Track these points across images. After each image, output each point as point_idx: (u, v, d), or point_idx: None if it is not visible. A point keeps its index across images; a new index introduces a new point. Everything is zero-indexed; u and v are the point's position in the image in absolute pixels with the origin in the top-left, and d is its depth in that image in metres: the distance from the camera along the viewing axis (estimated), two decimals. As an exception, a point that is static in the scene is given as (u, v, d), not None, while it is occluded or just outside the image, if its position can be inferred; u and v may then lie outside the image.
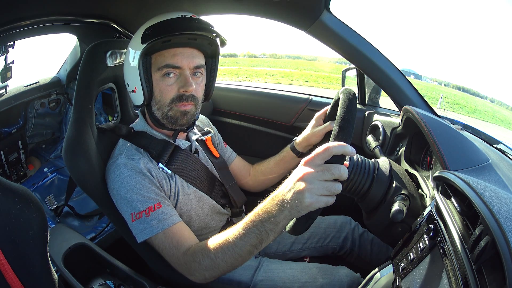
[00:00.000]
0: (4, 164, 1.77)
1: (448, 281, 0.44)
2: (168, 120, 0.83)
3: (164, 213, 0.75)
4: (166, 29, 0.76)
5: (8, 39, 1.37)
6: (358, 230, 1.11)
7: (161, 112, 0.83)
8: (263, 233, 0.60)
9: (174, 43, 0.78)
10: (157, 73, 0.79)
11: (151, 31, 0.76)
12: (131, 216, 0.75)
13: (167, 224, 0.75)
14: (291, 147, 1.02)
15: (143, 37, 0.76)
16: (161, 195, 0.78)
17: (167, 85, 0.80)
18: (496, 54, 25.49)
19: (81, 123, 0.82)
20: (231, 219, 1.00)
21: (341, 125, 0.59)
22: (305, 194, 0.54)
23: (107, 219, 1.57)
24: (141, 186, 0.76)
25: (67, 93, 1.95)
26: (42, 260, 0.54)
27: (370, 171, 0.71)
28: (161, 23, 0.77)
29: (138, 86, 0.80)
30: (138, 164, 0.79)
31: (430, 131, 0.75)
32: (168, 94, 0.80)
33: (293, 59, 17.60)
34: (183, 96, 0.80)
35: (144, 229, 0.74)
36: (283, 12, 1.01)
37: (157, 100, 0.82)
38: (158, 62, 0.79)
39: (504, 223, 0.41)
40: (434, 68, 24.44)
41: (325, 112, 0.96)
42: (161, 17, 0.78)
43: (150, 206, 0.75)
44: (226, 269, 0.68)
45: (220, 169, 1.00)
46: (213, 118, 0.98)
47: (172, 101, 0.81)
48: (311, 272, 0.89)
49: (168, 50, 0.78)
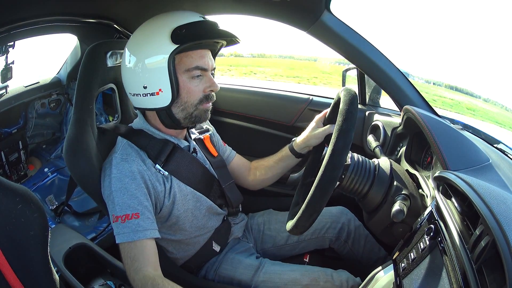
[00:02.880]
0: (4, 164, 1.77)
1: (448, 281, 0.45)
2: (190, 120, 0.83)
3: (139, 225, 0.74)
4: (200, 32, 0.77)
5: (8, 39, 1.37)
6: (354, 222, 1.11)
7: (185, 112, 0.82)
8: None
9: (202, 45, 0.80)
10: (185, 74, 0.78)
11: (183, 32, 0.74)
12: (112, 217, 0.76)
13: (138, 236, 0.74)
14: (290, 148, 1.02)
15: (175, 37, 0.74)
16: (144, 204, 0.77)
17: (195, 85, 0.80)
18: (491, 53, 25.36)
19: (81, 123, 0.82)
20: (226, 218, 1.01)
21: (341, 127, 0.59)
22: None
23: (108, 219, 1.57)
24: (125, 191, 0.75)
25: (67, 93, 1.95)
26: (42, 260, 0.54)
27: (371, 171, 0.71)
28: (192, 25, 0.76)
29: (164, 88, 0.77)
30: (130, 166, 0.78)
31: (430, 131, 0.75)
32: (196, 95, 0.81)
33: (283, 58, 17.46)
34: (209, 95, 0.83)
35: (118, 233, 0.75)
36: (283, 12, 1.01)
37: (183, 101, 0.80)
38: (185, 63, 0.78)
39: (504, 223, 0.41)
40: (425, 67, 24.19)
41: (324, 115, 0.97)
42: (183, 18, 0.76)
43: (127, 214, 0.74)
44: None
45: (218, 168, 1.00)
46: (213, 118, 0.98)
47: (200, 102, 0.82)
48: (312, 275, 0.89)
49: (195, 52, 0.79)
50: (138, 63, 0.77)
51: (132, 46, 0.80)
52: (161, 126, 0.87)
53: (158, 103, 0.79)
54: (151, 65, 0.76)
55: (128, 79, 0.81)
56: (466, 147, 0.73)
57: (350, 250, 1.09)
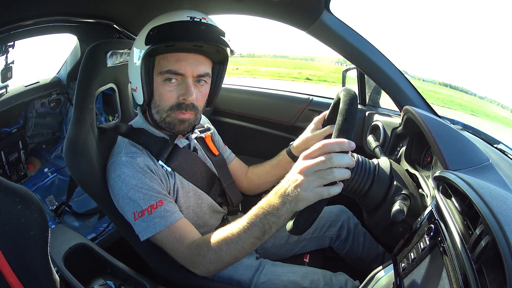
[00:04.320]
0: (4, 164, 1.77)
1: (448, 281, 0.45)
2: (165, 125, 0.82)
3: (166, 210, 0.76)
4: (170, 33, 0.72)
5: (8, 39, 1.37)
6: (353, 220, 1.12)
7: (159, 116, 0.82)
8: (266, 225, 0.62)
9: (179, 48, 0.75)
10: (159, 77, 0.77)
11: (155, 32, 0.73)
12: (134, 215, 0.75)
13: (170, 221, 0.75)
14: (287, 151, 1.02)
15: (147, 38, 0.73)
16: (162, 192, 0.78)
17: (168, 90, 0.77)
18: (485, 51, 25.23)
19: (81, 123, 0.82)
20: (226, 217, 1.01)
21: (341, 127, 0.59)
22: (302, 187, 0.56)
23: (108, 219, 1.57)
24: (143, 184, 0.76)
25: (67, 93, 1.95)
26: (42, 261, 0.54)
27: (371, 171, 0.71)
28: (167, 25, 0.73)
29: (139, 87, 0.79)
30: (138, 162, 0.79)
31: (430, 131, 0.75)
32: (167, 100, 0.78)
33: (275, 58, 17.44)
34: (182, 104, 0.78)
35: (147, 227, 0.74)
36: (283, 12, 1.01)
37: (156, 104, 0.81)
38: (161, 65, 0.76)
39: (504, 223, 0.41)
40: (418, 65, 24.33)
41: (324, 117, 0.96)
42: (168, 17, 0.74)
43: (152, 204, 0.75)
44: (230, 261, 0.70)
45: (219, 167, 1.00)
46: (213, 118, 0.98)
47: (171, 108, 0.79)
48: (312, 277, 0.89)
49: (172, 55, 0.75)
50: (130, 60, 0.82)
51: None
52: (153, 125, 0.88)
53: (136, 100, 0.84)
54: (132, 63, 0.80)
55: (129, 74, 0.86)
56: (466, 147, 0.73)
57: (350, 248, 1.09)
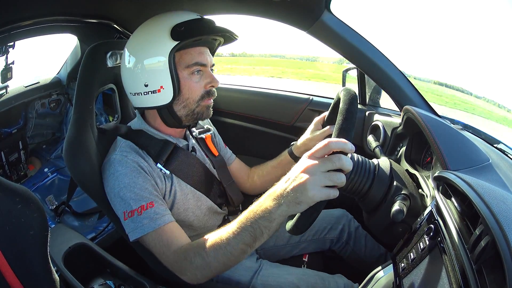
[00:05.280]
0: (4, 164, 1.77)
1: (448, 281, 0.44)
2: (192, 117, 0.85)
3: (156, 212, 0.74)
4: (199, 28, 0.79)
5: (8, 39, 1.37)
6: (354, 223, 1.12)
7: (187, 109, 0.83)
8: (257, 230, 0.58)
9: (201, 42, 0.81)
10: (185, 71, 0.80)
11: (183, 29, 0.76)
12: (124, 215, 0.75)
13: (158, 224, 0.74)
14: (289, 152, 1.02)
15: (174, 34, 0.75)
16: (154, 194, 0.78)
17: (195, 82, 0.81)
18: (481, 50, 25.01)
19: (81, 123, 0.82)
20: (227, 217, 1.00)
21: (341, 126, 0.59)
22: (308, 186, 0.53)
23: (107, 219, 1.57)
24: (135, 184, 0.75)
25: (67, 93, 1.95)
26: (42, 260, 0.53)
27: (371, 171, 0.71)
28: (191, 22, 0.78)
29: (165, 85, 0.78)
30: (132, 162, 0.78)
31: (430, 131, 0.75)
32: (197, 91, 0.82)
33: (268, 57, 17.50)
34: (210, 91, 0.84)
35: (136, 228, 0.73)
36: (283, 12, 1.01)
37: (185, 98, 0.82)
38: (185, 60, 0.79)
39: (504, 223, 0.41)
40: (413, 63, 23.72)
41: (323, 117, 0.96)
42: (181, 16, 0.79)
43: (142, 205, 0.74)
44: (219, 268, 0.66)
45: (219, 167, 1.00)
46: (213, 118, 0.98)
47: (201, 98, 0.83)
48: (310, 279, 0.89)
49: (194, 49, 0.81)
50: (138, 63, 0.78)
51: (132, 46, 0.81)
52: (161, 126, 0.87)
53: (159, 101, 0.80)
54: (151, 63, 0.78)
55: (128, 79, 0.82)
56: (466, 147, 0.73)
57: (353, 251, 1.09)
